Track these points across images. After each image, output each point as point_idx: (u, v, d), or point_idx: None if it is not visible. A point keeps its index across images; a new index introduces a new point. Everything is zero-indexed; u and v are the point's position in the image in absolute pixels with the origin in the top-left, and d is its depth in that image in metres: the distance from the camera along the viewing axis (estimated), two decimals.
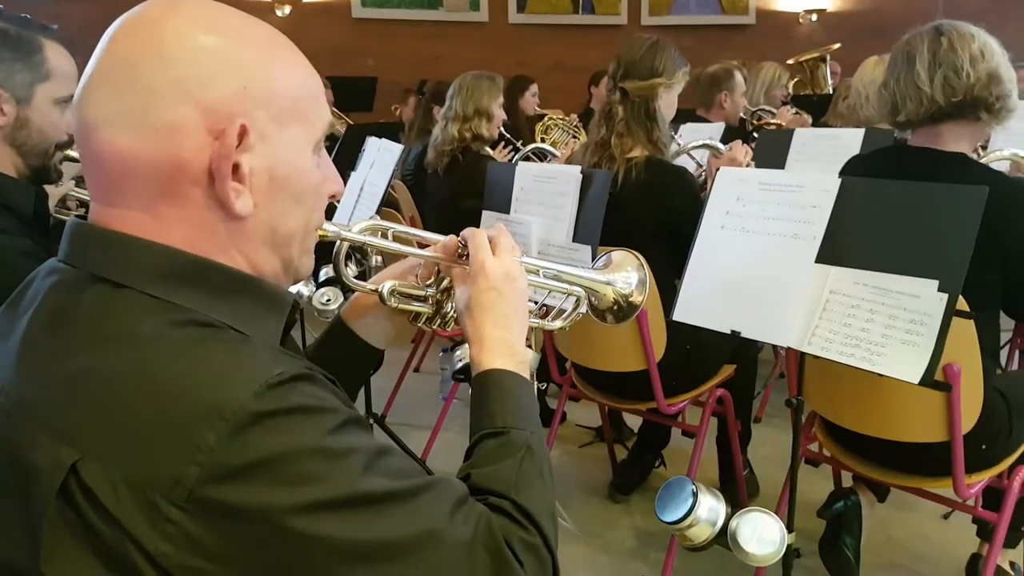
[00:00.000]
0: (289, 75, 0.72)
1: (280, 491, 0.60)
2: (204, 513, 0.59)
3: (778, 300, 1.46)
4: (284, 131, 0.71)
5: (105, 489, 0.59)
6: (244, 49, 0.70)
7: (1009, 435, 1.79)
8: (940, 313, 1.29)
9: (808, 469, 2.62)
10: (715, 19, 7.76)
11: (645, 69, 2.19)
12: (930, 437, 1.67)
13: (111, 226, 0.69)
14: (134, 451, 0.60)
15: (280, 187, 0.72)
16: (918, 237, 1.34)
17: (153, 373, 0.62)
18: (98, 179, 0.70)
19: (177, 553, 0.59)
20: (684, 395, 2.21)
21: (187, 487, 0.58)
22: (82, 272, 0.69)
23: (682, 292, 1.63)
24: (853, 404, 1.77)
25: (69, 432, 0.62)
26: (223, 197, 0.68)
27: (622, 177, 2.14)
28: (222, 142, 0.66)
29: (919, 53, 1.66)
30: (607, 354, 2.19)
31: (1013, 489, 1.78)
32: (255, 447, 0.60)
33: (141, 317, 0.65)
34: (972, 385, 1.60)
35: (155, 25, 0.68)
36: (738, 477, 2.45)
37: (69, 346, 0.65)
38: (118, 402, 0.61)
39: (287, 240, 0.75)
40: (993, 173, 1.72)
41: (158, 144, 0.66)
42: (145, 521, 0.58)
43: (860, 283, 1.37)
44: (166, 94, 0.66)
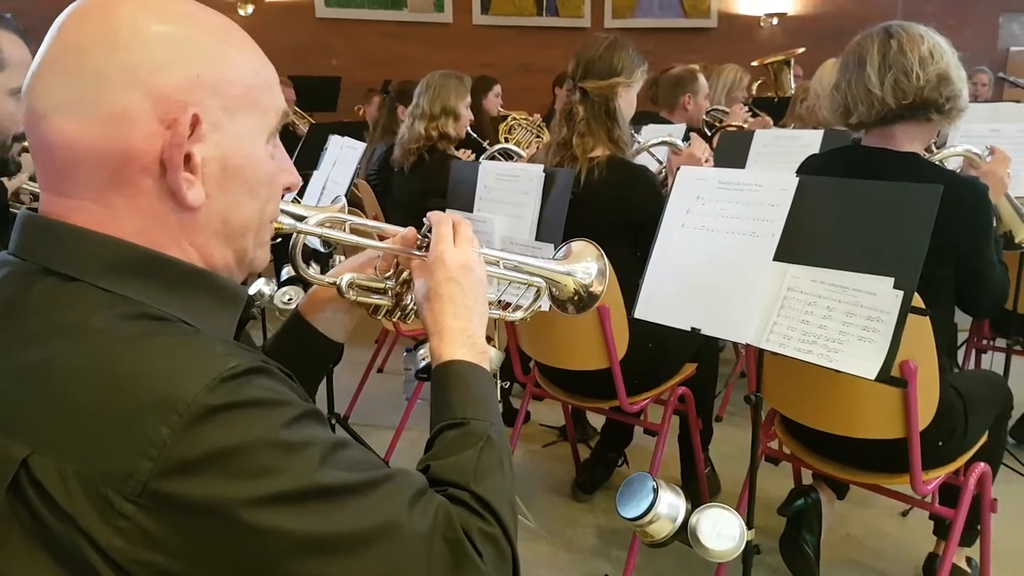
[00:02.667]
0: (243, 64, 0.71)
1: (235, 484, 0.59)
2: (157, 507, 0.57)
3: (737, 297, 1.47)
4: (237, 120, 0.70)
5: (56, 484, 0.58)
6: (197, 37, 0.69)
7: (965, 432, 1.82)
8: (896, 310, 1.31)
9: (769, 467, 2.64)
10: (677, 22, 7.84)
11: (604, 69, 2.20)
12: (887, 434, 1.70)
13: (62, 217, 0.67)
14: (85, 445, 0.58)
15: (233, 177, 0.70)
16: (874, 235, 1.36)
17: (104, 366, 0.60)
18: (48, 168, 0.68)
19: (131, 548, 0.58)
20: (646, 393, 2.22)
21: (140, 481, 0.57)
22: (32, 265, 0.67)
23: (643, 290, 1.63)
24: (812, 402, 1.79)
25: (19, 426, 0.60)
26: (175, 187, 0.67)
27: (584, 177, 2.14)
28: (174, 131, 0.65)
29: (869, 56, 1.68)
30: (570, 353, 2.19)
31: (968, 486, 1.81)
32: (209, 440, 0.59)
33: (92, 310, 0.64)
34: (928, 382, 1.63)
35: (107, 11, 0.66)
36: (700, 475, 2.46)
37: (18, 339, 0.64)
38: (68, 395, 0.60)
39: (240, 232, 0.73)
40: (943, 171, 1.75)
41: (108, 132, 0.64)
42: (98, 516, 0.57)
43: (817, 280, 1.38)
44: (117, 80, 0.64)
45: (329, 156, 2.72)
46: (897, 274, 1.31)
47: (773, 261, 1.44)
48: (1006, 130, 2.36)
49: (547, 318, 2.06)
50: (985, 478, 1.88)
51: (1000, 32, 7.91)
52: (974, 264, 1.69)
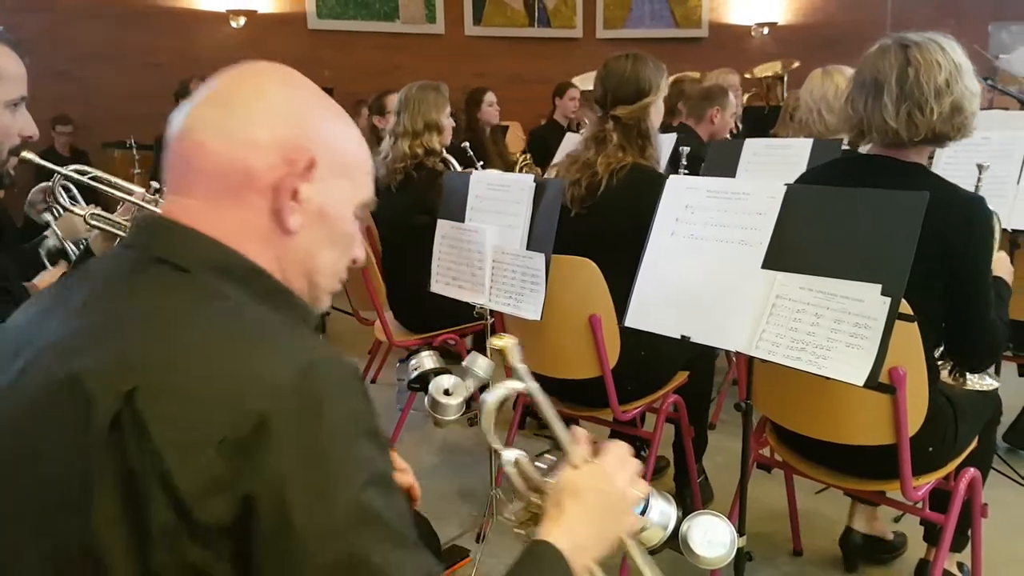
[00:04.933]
0: (351, 143, 0.87)
1: (299, 463, 0.65)
2: (235, 458, 0.64)
3: (726, 305, 1.48)
4: (338, 181, 0.84)
5: (154, 420, 0.64)
6: (323, 111, 0.85)
7: (955, 438, 1.83)
8: (884, 316, 1.32)
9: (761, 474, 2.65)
10: (668, 32, 7.88)
11: (632, 92, 2.22)
12: (877, 440, 1.70)
13: (177, 217, 0.79)
14: (189, 394, 0.66)
15: (324, 222, 0.83)
16: (861, 242, 1.37)
17: (224, 332, 0.70)
18: (180, 171, 0.81)
19: (201, 492, 0.63)
20: (638, 402, 2.22)
21: (226, 435, 0.64)
22: (146, 255, 0.78)
23: (633, 298, 1.64)
24: (802, 408, 1.80)
25: (133, 363, 0.67)
26: (281, 208, 0.79)
27: (604, 184, 2.17)
28: (292, 167, 0.79)
29: (887, 83, 1.65)
30: (562, 362, 2.20)
31: (959, 491, 1.82)
32: (290, 419, 0.66)
33: (203, 292, 0.74)
34: (917, 388, 1.64)
35: (267, 75, 0.84)
36: (692, 483, 2.47)
37: (135, 300, 0.74)
38: (187, 347, 0.69)
39: (317, 270, 0.85)
40: (949, 185, 1.71)
41: (238, 152, 0.78)
42: (182, 457, 0.63)
43: (806, 288, 1.39)
44: (257, 119, 0.79)
45: None
46: (884, 281, 1.32)
47: (762, 269, 1.44)
48: (996, 138, 2.38)
49: (538, 326, 2.08)
50: (975, 483, 1.89)
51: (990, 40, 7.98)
52: (968, 287, 1.66)
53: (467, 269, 2.08)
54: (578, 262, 1.99)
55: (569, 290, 2.05)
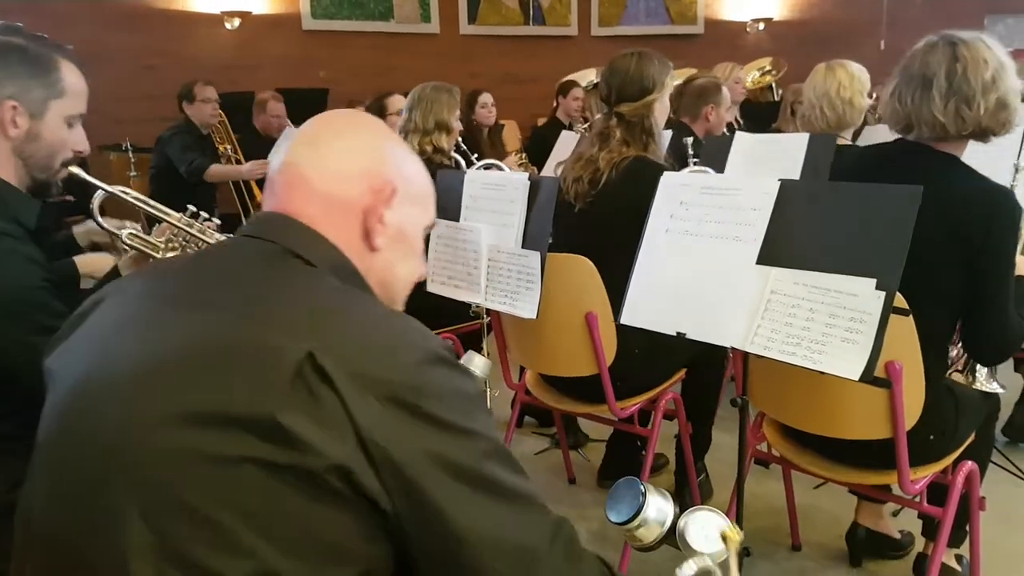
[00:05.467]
0: (420, 176, 1.04)
1: (444, 414, 0.80)
2: (392, 407, 0.77)
3: (721, 301, 1.48)
4: (412, 207, 1.01)
5: (333, 369, 0.76)
6: (397, 148, 1.02)
7: (955, 431, 1.83)
8: (878, 311, 1.32)
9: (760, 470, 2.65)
10: (664, 29, 7.87)
11: (636, 90, 2.23)
12: (874, 434, 1.70)
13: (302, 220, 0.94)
14: (360, 356, 0.78)
15: (402, 240, 1.00)
16: (855, 237, 1.36)
17: (371, 313, 0.86)
18: (289, 193, 0.95)
19: (373, 427, 0.76)
20: (636, 398, 2.22)
21: (390, 387, 0.78)
22: (277, 246, 0.91)
23: (628, 295, 1.64)
24: (799, 403, 1.80)
25: (304, 335, 0.79)
26: (370, 229, 0.96)
27: (605, 177, 2.18)
28: (378, 195, 0.96)
29: (936, 78, 1.67)
30: (559, 359, 2.20)
31: (956, 484, 1.82)
32: (438, 379, 0.81)
33: (336, 282, 0.90)
34: (913, 381, 1.64)
35: (347, 124, 1.01)
36: (691, 481, 2.46)
37: (286, 281, 0.88)
38: (353, 320, 0.83)
39: (395, 280, 1.02)
40: (979, 177, 1.71)
41: (336, 183, 0.95)
42: (359, 400, 0.76)
43: (800, 283, 1.39)
44: (347, 158, 0.96)
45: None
46: (879, 275, 1.32)
47: (756, 264, 1.44)
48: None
49: (534, 324, 2.08)
50: (973, 476, 1.89)
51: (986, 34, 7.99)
52: (987, 279, 1.66)
53: (462, 268, 2.08)
54: (573, 259, 1.99)
55: (565, 288, 2.05)
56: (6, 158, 1.41)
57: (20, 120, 1.40)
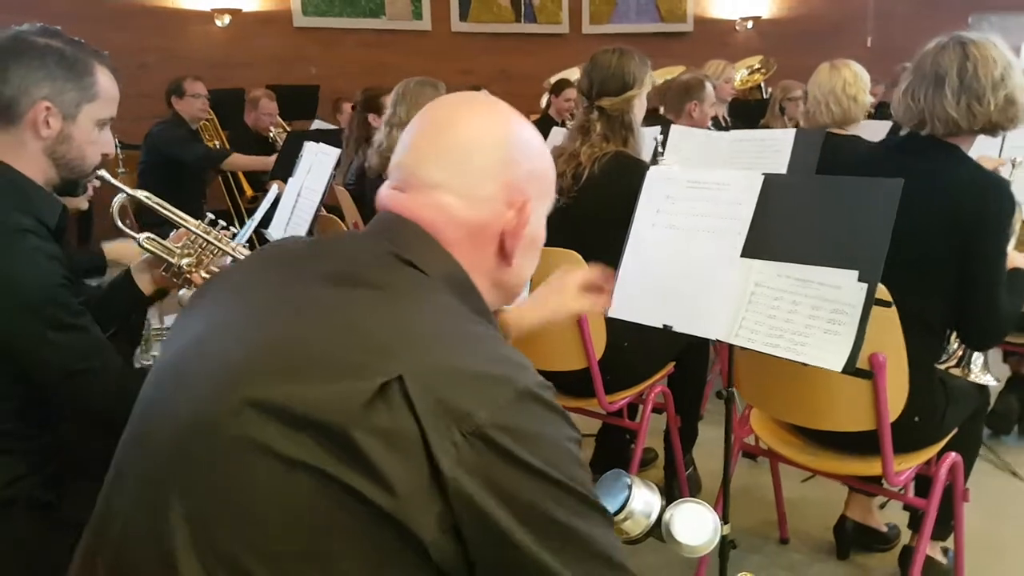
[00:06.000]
0: (544, 158, 0.98)
1: (532, 458, 0.74)
2: (478, 445, 0.73)
3: (707, 294, 1.49)
4: (541, 203, 0.96)
5: (419, 397, 0.73)
6: (523, 139, 0.94)
7: (942, 418, 1.85)
8: (861, 302, 1.33)
9: (749, 464, 2.67)
10: (654, 27, 7.89)
11: (617, 85, 2.27)
12: (860, 426, 1.72)
13: (430, 231, 0.90)
14: (450, 386, 0.74)
15: (533, 244, 0.97)
16: (838, 230, 1.38)
17: (468, 338, 0.81)
18: (426, 216, 0.90)
19: (452, 465, 0.72)
20: (624, 392, 2.23)
21: (475, 424, 0.73)
22: (393, 251, 0.87)
23: (616, 289, 1.65)
24: (785, 396, 1.82)
25: (400, 357, 0.76)
26: (510, 251, 0.93)
27: (587, 172, 2.21)
28: (517, 214, 0.92)
29: (948, 75, 1.75)
30: (550, 354, 2.20)
31: (940, 476, 1.84)
32: (529, 419, 0.76)
33: (446, 299, 0.86)
34: (897, 373, 1.66)
35: (476, 117, 0.94)
36: (680, 475, 2.48)
37: (388, 294, 0.83)
38: (443, 346, 0.78)
39: (523, 281, 0.99)
40: (977, 167, 1.80)
41: (475, 208, 0.90)
42: (439, 433, 0.72)
43: (783, 275, 1.41)
44: (488, 175, 0.91)
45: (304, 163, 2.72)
46: (861, 267, 1.34)
47: (741, 257, 1.46)
48: None
49: None
50: (957, 468, 1.91)
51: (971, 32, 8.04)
52: (978, 264, 1.70)
53: None
54: (562, 254, 2.00)
55: None
56: (36, 158, 1.43)
57: (53, 121, 1.42)
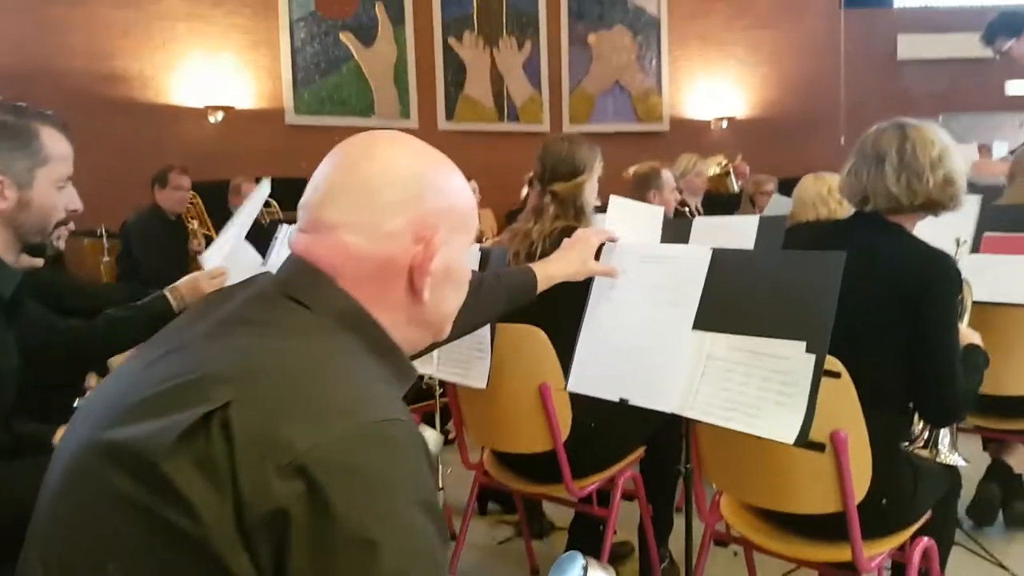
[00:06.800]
0: (463, 195, 0.95)
1: (357, 502, 0.68)
2: (294, 482, 0.67)
3: (661, 367, 1.49)
4: (456, 237, 0.93)
5: (239, 429, 0.69)
6: (440, 177, 0.93)
7: (913, 498, 1.82)
8: (810, 373, 1.34)
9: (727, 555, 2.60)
10: (632, 127, 8.22)
11: (568, 170, 2.37)
12: (826, 507, 1.69)
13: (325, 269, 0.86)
14: (278, 415, 0.71)
15: (450, 277, 0.93)
16: (784, 302, 1.40)
17: (319, 367, 0.77)
18: (324, 257, 0.87)
19: (258, 503, 0.68)
20: (593, 476, 2.19)
21: (294, 455, 0.68)
22: (280, 288, 0.86)
23: (575, 363, 1.66)
24: (749, 476, 1.79)
25: (235, 381, 0.73)
26: (419, 287, 0.89)
27: (540, 249, 2.25)
28: (425, 247, 0.88)
29: (888, 155, 1.83)
30: (514, 435, 2.18)
31: (913, 561, 1.80)
32: (364, 458, 0.70)
33: (324, 334, 0.82)
34: (859, 450, 1.63)
35: (386, 155, 0.91)
36: (654, 568, 2.40)
37: (262, 329, 0.81)
38: (294, 380, 0.74)
39: (445, 318, 0.96)
40: (921, 242, 1.84)
41: (379, 246, 0.87)
42: (250, 462, 0.68)
43: (735, 347, 1.42)
44: (391, 211, 0.87)
45: (278, 245, 2.78)
46: (808, 338, 1.35)
47: (693, 330, 1.47)
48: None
49: (489, 399, 2.07)
50: (931, 553, 1.86)
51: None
52: (928, 338, 1.71)
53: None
54: (525, 330, 2.01)
55: (518, 360, 2.05)
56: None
57: (8, 192, 1.44)
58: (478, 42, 7.99)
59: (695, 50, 8.45)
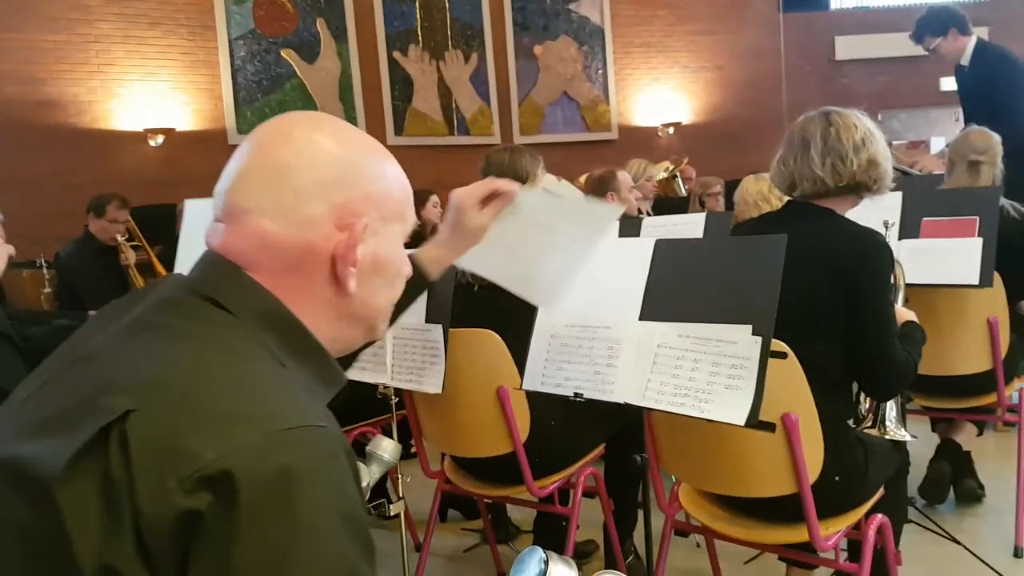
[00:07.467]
0: (396, 184, 0.89)
1: (264, 516, 0.64)
2: (196, 494, 0.63)
3: (612, 359, 1.51)
4: (388, 227, 0.87)
5: (140, 440, 0.65)
6: (368, 161, 0.87)
7: (865, 475, 1.86)
8: (757, 355, 1.36)
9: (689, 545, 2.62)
10: (581, 136, 8.32)
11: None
12: (781, 490, 1.71)
13: (242, 264, 0.81)
14: (182, 425, 0.66)
15: (380, 271, 0.87)
16: (729, 287, 1.43)
17: (226, 374, 0.71)
18: (244, 244, 0.82)
19: (159, 518, 0.63)
20: (554, 476, 2.19)
21: (197, 468, 0.63)
22: (192, 286, 0.80)
23: (528, 362, 1.66)
24: (705, 463, 1.81)
25: (136, 390, 0.69)
26: (342, 278, 0.83)
27: None
28: (349, 235, 0.82)
29: (813, 139, 1.89)
30: (473, 439, 2.17)
31: (868, 537, 1.83)
32: (271, 468, 0.65)
33: (238, 336, 0.77)
34: (809, 429, 1.67)
35: (305, 136, 0.84)
36: (618, 563, 2.41)
37: (167, 333, 0.75)
38: (199, 388, 0.69)
39: (376, 312, 0.90)
40: (851, 223, 1.89)
41: (297, 232, 0.81)
42: (149, 475, 0.64)
43: (683, 335, 1.44)
44: (309, 195, 0.81)
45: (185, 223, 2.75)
46: (754, 321, 1.38)
47: (641, 320, 1.49)
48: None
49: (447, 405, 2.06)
50: (885, 528, 1.90)
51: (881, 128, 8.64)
52: (865, 313, 1.76)
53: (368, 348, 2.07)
54: (480, 334, 2.01)
55: (474, 364, 2.05)
56: None
57: None
58: (424, 56, 8.00)
59: (640, 58, 8.60)
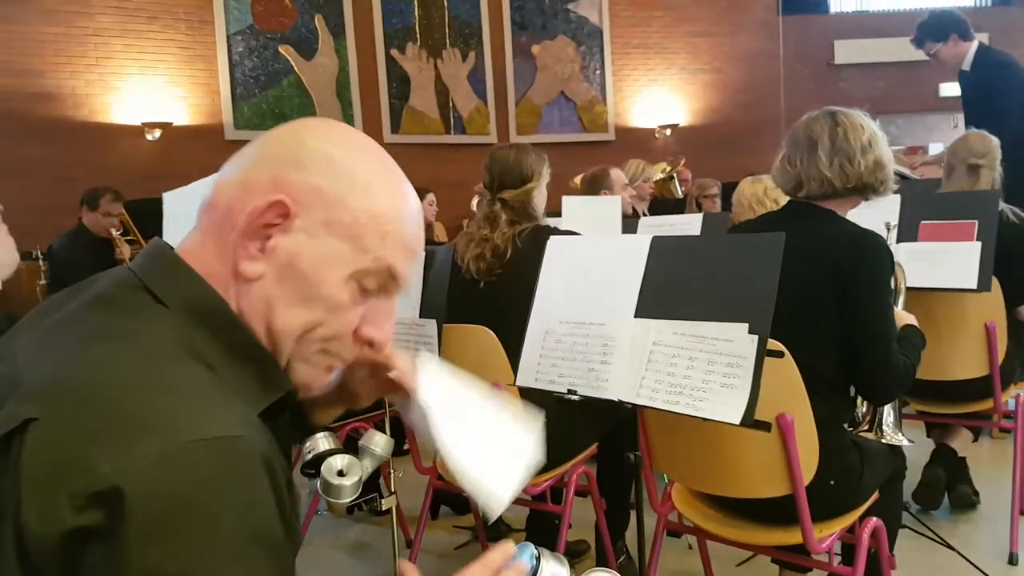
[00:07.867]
0: (370, 204, 0.77)
1: (159, 535, 0.59)
2: (86, 511, 0.58)
3: (607, 356, 1.49)
4: (329, 239, 0.75)
5: (35, 451, 0.60)
6: (348, 163, 0.77)
7: (860, 479, 1.85)
8: (753, 354, 1.35)
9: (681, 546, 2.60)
10: (578, 136, 8.31)
11: (516, 178, 2.37)
12: (775, 491, 1.70)
13: (180, 250, 0.77)
14: (80, 435, 0.61)
15: (292, 276, 0.75)
16: (726, 286, 1.42)
17: (137, 380, 0.65)
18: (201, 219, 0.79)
19: (45, 536, 0.59)
20: (545, 474, 2.18)
21: (89, 481, 0.59)
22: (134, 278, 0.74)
23: (523, 358, 1.65)
24: (699, 463, 1.80)
25: (43, 398, 0.63)
26: (236, 249, 0.74)
27: (511, 248, 2.25)
28: (268, 208, 0.73)
29: (820, 140, 1.87)
30: None
31: (863, 540, 1.82)
32: (173, 484, 0.60)
33: (164, 333, 0.70)
34: (805, 431, 1.66)
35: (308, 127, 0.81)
36: (610, 562, 2.40)
37: (90, 332, 0.70)
38: (92, 390, 0.64)
39: (280, 328, 0.76)
40: (850, 224, 1.88)
41: (232, 190, 0.76)
42: (37, 491, 0.59)
43: (679, 333, 1.42)
44: (263, 161, 0.77)
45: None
46: (750, 319, 1.36)
47: (636, 318, 1.47)
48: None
49: None
50: (879, 532, 1.89)
51: None
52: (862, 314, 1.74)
53: None
54: (474, 330, 2.00)
55: (468, 359, 2.03)
56: None
57: None
58: (421, 54, 7.99)
59: (638, 59, 8.59)
